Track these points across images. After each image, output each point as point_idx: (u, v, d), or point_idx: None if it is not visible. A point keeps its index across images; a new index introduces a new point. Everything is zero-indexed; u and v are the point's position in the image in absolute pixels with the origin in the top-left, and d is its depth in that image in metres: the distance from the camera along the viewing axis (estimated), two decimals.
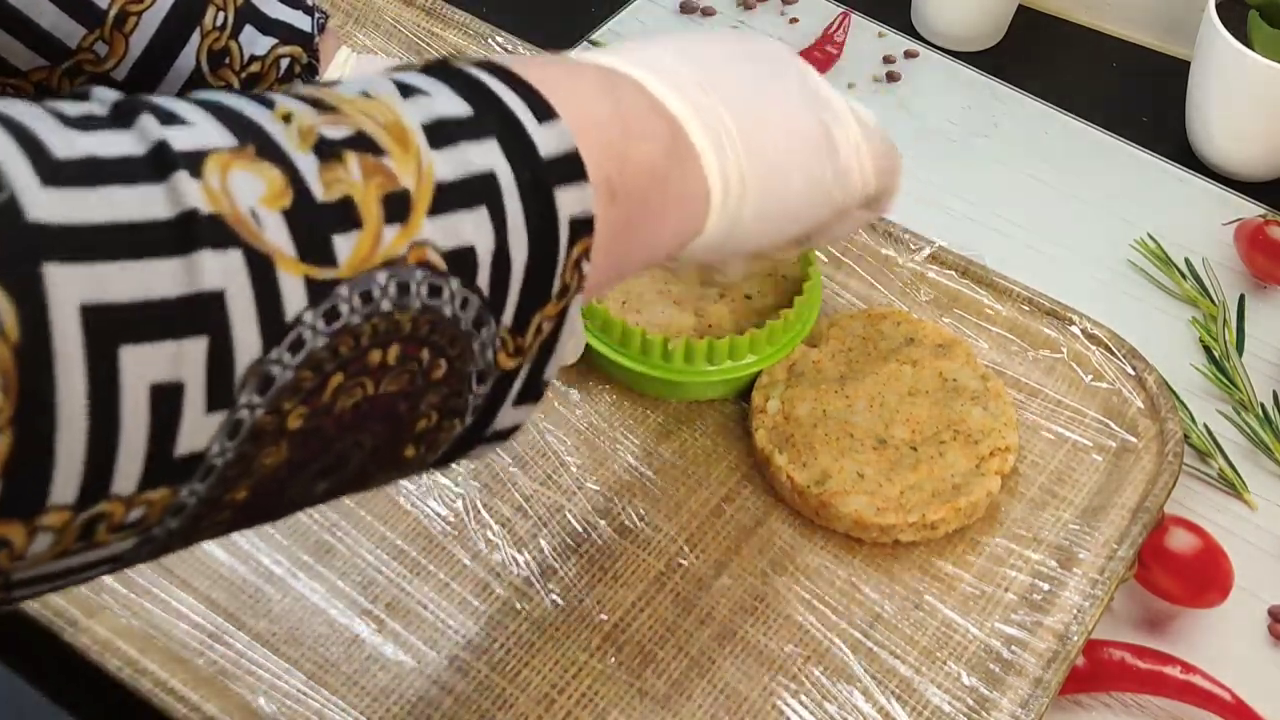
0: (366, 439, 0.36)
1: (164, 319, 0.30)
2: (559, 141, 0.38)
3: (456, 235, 0.36)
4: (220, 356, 0.31)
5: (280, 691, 0.55)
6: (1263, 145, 0.81)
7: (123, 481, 0.30)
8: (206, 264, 0.31)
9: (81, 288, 0.29)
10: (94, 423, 0.29)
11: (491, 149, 0.37)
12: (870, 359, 0.65)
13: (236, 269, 0.31)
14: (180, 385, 0.30)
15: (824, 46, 0.88)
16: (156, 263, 0.30)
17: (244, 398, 0.32)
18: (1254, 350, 0.72)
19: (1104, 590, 0.59)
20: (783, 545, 0.61)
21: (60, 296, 0.28)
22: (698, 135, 0.45)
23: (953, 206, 0.79)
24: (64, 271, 0.28)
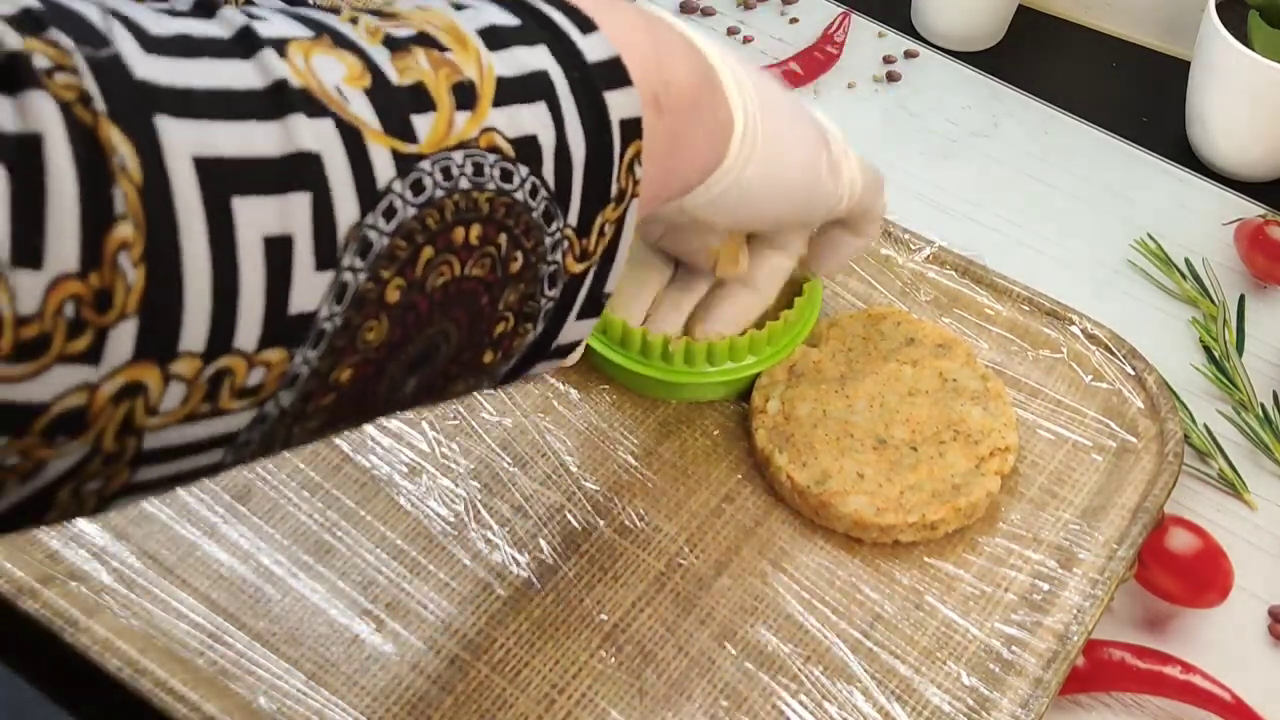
0: (453, 330, 0.38)
1: (269, 174, 0.32)
2: (604, 49, 0.41)
3: (520, 124, 0.38)
4: (323, 214, 0.33)
5: (280, 691, 0.55)
6: (1263, 145, 0.81)
7: (245, 335, 0.32)
8: (302, 129, 0.32)
9: (191, 140, 0.30)
10: (216, 268, 0.31)
11: (542, 53, 0.39)
12: (870, 359, 0.65)
13: (329, 135, 0.33)
14: (290, 239, 0.32)
15: (824, 46, 0.88)
16: (256, 125, 0.32)
17: (347, 259, 0.34)
18: (1254, 350, 0.72)
19: (1104, 590, 0.59)
20: (783, 545, 0.61)
21: (173, 146, 0.30)
22: (725, 74, 0.47)
23: (953, 206, 0.79)
24: (175, 124, 0.30)
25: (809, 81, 0.86)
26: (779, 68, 0.86)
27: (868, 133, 0.83)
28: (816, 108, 0.84)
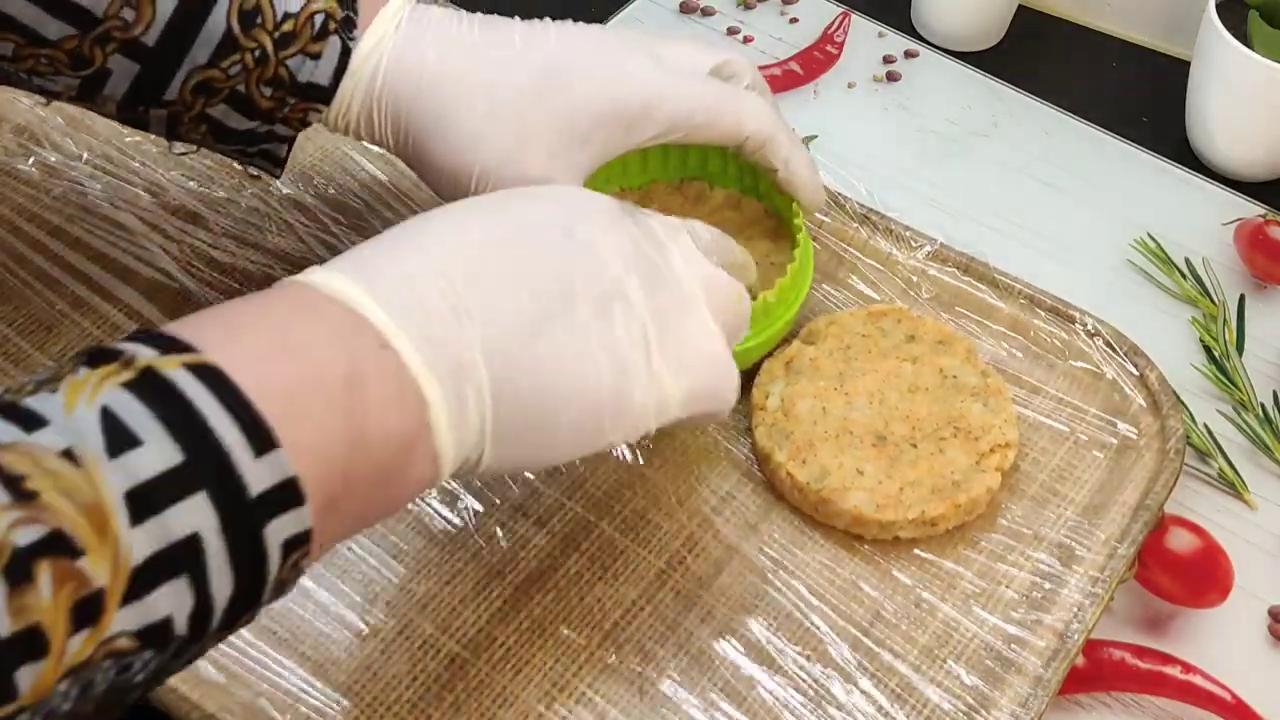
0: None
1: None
2: (275, 473, 0.39)
3: (151, 613, 0.36)
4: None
5: (281, 690, 0.55)
6: (1263, 145, 0.81)
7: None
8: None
9: None
10: None
11: (199, 505, 0.37)
12: (870, 356, 0.65)
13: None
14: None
15: (824, 46, 0.88)
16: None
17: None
18: (1254, 350, 0.72)
19: (1105, 588, 0.59)
20: (783, 543, 0.61)
21: None
22: (441, 409, 0.44)
23: (953, 206, 0.79)
24: None
25: (809, 81, 0.86)
26: (779, 67, 0.86)
27: (867, 133, 0.83)
28: (816, 108, 0.84)
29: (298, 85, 0.58)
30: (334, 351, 0.42)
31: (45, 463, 0.35)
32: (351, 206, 0.73)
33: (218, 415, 0.38)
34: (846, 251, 0.72)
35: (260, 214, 0.72)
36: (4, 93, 0.76)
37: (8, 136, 0.75)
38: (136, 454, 0.36)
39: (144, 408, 0.37)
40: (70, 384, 0.37)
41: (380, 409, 0.42)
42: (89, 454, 0.36)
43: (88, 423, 0.36)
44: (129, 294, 0.69)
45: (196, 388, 0.38)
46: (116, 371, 0.38)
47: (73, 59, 0.57)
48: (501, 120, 0.58)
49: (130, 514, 0.36)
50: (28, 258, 0.70)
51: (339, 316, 0.43)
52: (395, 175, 0.74)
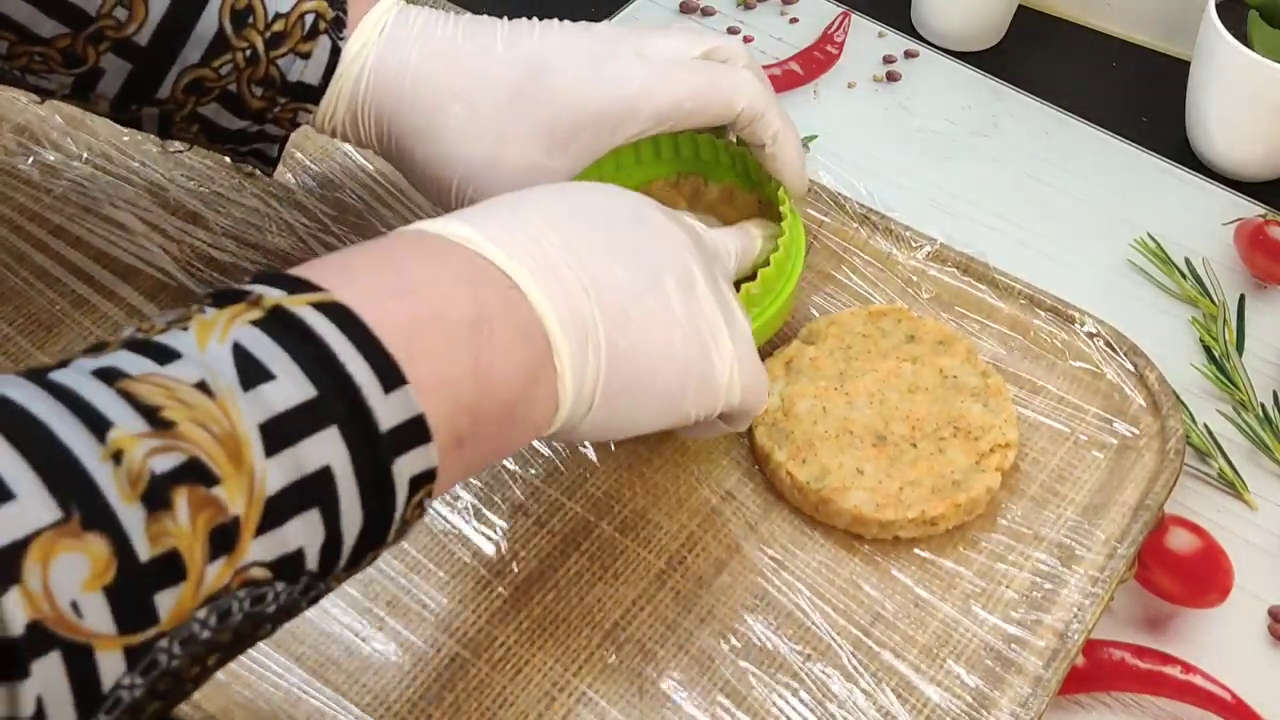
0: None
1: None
2: (404, 410, 0.39)
3: (284, 544, 0.37)
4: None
5: (281, 690, 0.55)
6: (1263, 145, 0.81)
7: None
8: (25, 691, 0.32)
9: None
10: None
11: (331, 439, 0.38)
12: (870, 356, 0.65)
13: (53, 671, 0.32)
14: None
15: (824, 46, 0.88)
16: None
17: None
18: (1254, 350, 0.72)
19: (1105, 588, 0.59)
20: (783, 543, 0.61)
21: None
22: (565, 355, 0.45)
23: (953, 206, 0.79)
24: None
25: (809, 81, 0.86)
26: (779, 67, 0.86)
27: (868, 133, 0.83)
28: (817, 107, 0.84)
29: (288, 85, 0.59)
30: (461, 291, 0.42)
31: (180, 393, 0.36)
32: (351, 206, 0.73)
33: (347, 351, 0.38)
34: (846, 251, 0.72)
35: (260, 214, 0.72)
36: (4, 92, 0.76)
37: (8, 136, 0.75)
38: (269, 387, 0.37)
39: (275, 343, 0.38)
40: (200, 323, 0.38)
41: (507, 349, 0.43)
42: (223, 386, 0.36)
43: (220, 357, 0.37)
44: (129, 293, 0.69)
45: (326, 325, 0.39)
46: (245, 310, 0.38)
47: (66, 57, 0.57)
48: (482, 126, 0.59)
49: (264, 445, 0.36)
50: (28, 257, 0.70)
51: (464, 258, 0.44)
52: (396, 175, 0.74)
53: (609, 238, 0.49)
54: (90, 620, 0.33)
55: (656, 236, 0.51)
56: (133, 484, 0.34)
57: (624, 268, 0.48)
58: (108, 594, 0.33)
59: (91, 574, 0.33)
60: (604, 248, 0.48)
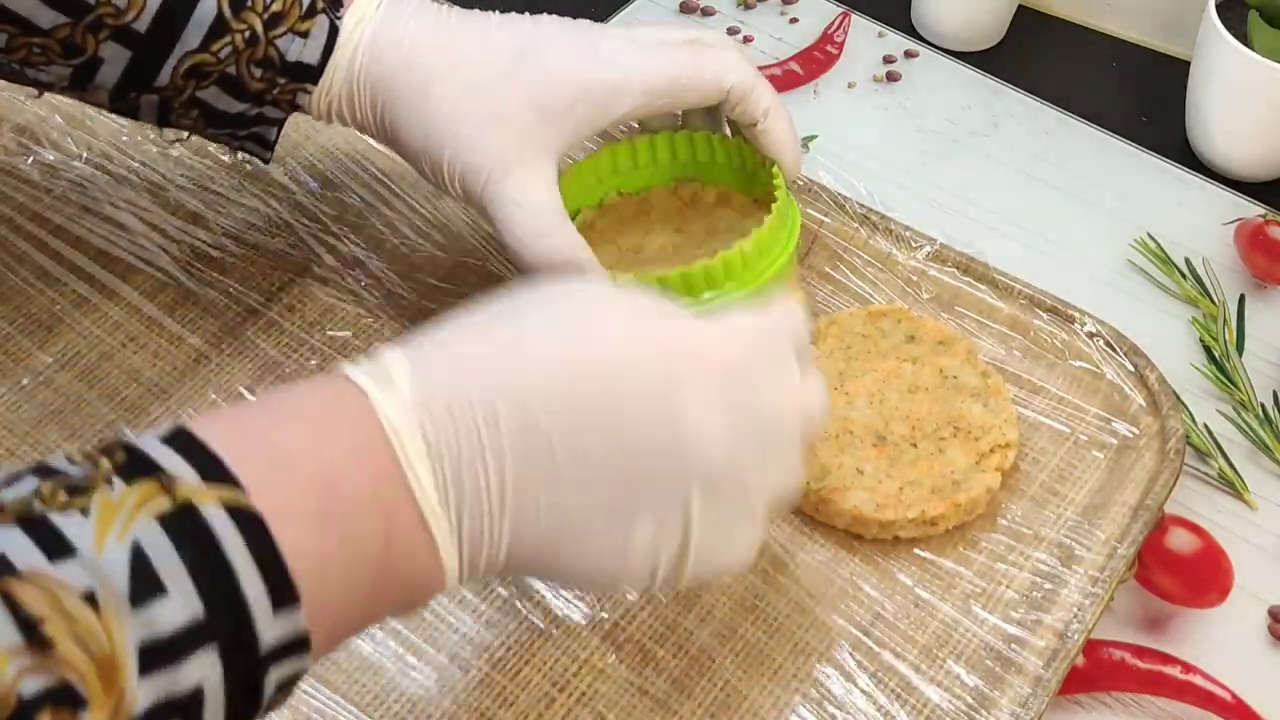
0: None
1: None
2: (290, 628, 0.38)
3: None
4: None
5: None
6: (1263, 145, 0.81)
7: None
8: None
9: None
10: None
11: (209, 658, 0.36)
12: (870, 356, 0.65)
13: None
14: None
15: (824, 46, 0.88)
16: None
17: None
18: (1254, 350, 0.72)
19: (1105, 588, 0.59)
20: (783, 543, 0.61)
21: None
22: (453, 578, 0.43)
23: (952, 207, 0.79)
24: None
25: (809, 81, 0.86)
26: (779, 67, 0.86)
27: (868, 133, 0.83)
28: (817, 107, 0.84)
29: (287, 65, 0.59)
30: (376, 522, 0.41)
31: (66, 604, 0.34)
32: (352, 206, 0.73)
33: (248, 570, 0.37)
34: (846, 251, 0.72)
35: (260, 214, 0.72)
36: (4, 92, 0.76)
37: (8, 136, 0.75)
38: (159, 605, 0.35)
39: (175, 552, 0.36)
40: (103, 507, 0.36)
41: (405, 584, 0.43)
42: (112, 601, 0.35)
43: (116, 563, 0.35)
44: (129, 293, 0.69)
45: (232, 536, 0.37)
46: (153, 495, 0.37)
47: (65, 47, 0.57)
48: (474, 100, 0.58)
49: (141, 665, 0.35)
50: (28, 257, 0.70)
51: (393, 475, 0.41)
52: (396, 174, 0.74)
53: (591, 450, 0.43)
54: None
55: (668, 447, 0.44)
56: (1, 702, 0.33)
57: (583, 502, 0.44)
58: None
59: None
60: (577, 463, 0.43)
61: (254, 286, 0.69)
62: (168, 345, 0.67)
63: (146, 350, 0.66)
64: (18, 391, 0.64)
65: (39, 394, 0.64)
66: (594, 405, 0.43)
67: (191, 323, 0.68)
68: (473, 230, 0.72)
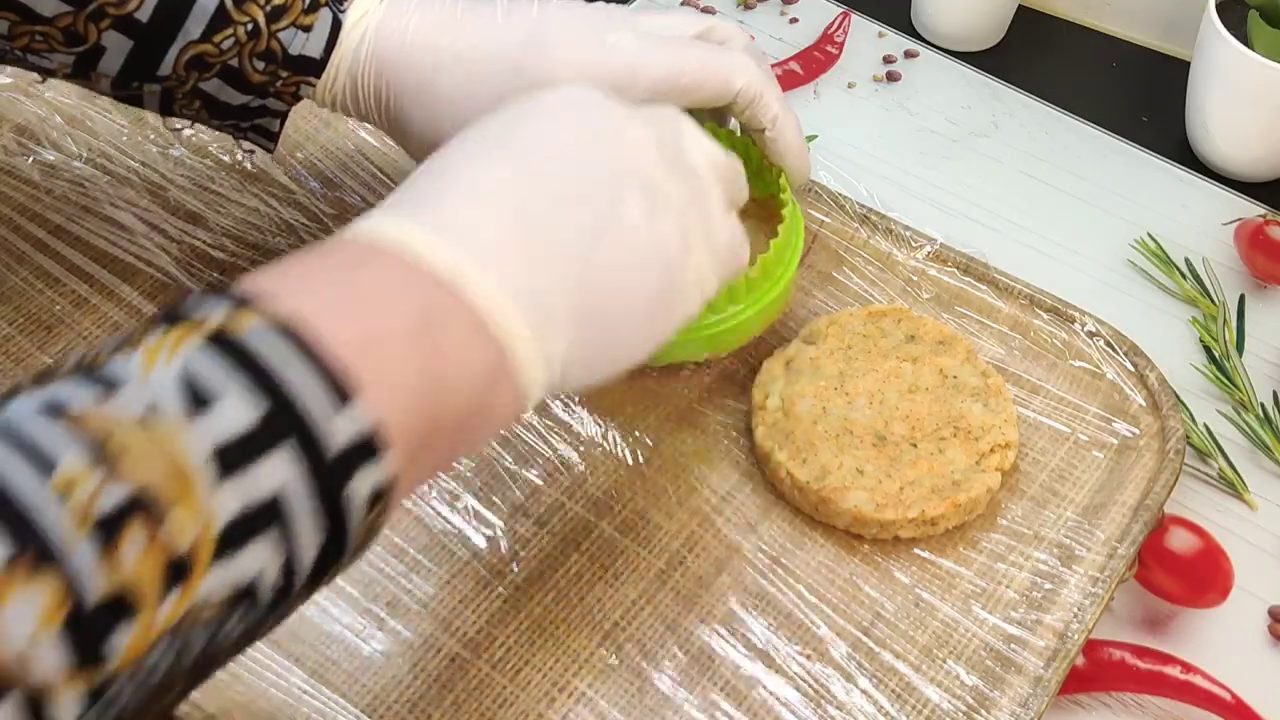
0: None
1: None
2: (357, 425, 0.38)
3: (240, 573, 0.36)
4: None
5: (281, 690, 0.55)
6: (1263, 145, 0.81)
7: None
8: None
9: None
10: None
11: (282, 461, 0.37)
12: (870, 356, 0.65)
13: (8, 718, 0.32)
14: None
15: (824, 46, 0.88)
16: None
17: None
18: (1254, 350, 0.72)
19: (1105, 588, 0.59)
20: (783, 543, 0.61)
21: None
22: (524, 344, 0.43)
23: (953, 206, 0.79)
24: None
25: (809, 81, 0.86)
26: (779, 67, 0.86)
27: (868, 133, 0.83)
28: (817, 108, 0.84)
29: (289, 58, 0.59)
30: (407, 298, 0.41)
31: (124, 426, 0.35)
32: (352, 206, 0.73)
33: (296, 369, 0.37)
34: (846, 251, 0.72)
35: (260, 214, 0.72)
36: (4, 92, 0.76)
37: (8, 136, 0.75)
38: (215, 414, 0.36)
39: (220, 366, 0.37)
40: (145, 348, 0.37)
41: (459, 353, 0.42)
42: (168, 417, 0.35)
43: (165, 385, 0.36)
44: (129, 293, 0.69)
45: (272, 342, 0.37)
46: (191, 331, 0.37)
47: (67, 36, 0.57)
48: (479, 88, 0.58)
49: (213, 474, 0.35)
50: (28, 257, 0.70)
51: (405, 263, 0.42)
52: (396, 174, 0.74)
53: (563, 174, 0.46)
54: (42, 665, 0.32)
55: (614, 147, 0.48)
56: (81, 520, 0.33)
57: (579, 206, 0.46)
58: (60, 634, 0.33)
59: (44, 612, 0.32)
60: (557, 188, 0.46)
61: None
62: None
63: None
64: None
65: None
66: (546, 153, 0.47)
67: None
68: None
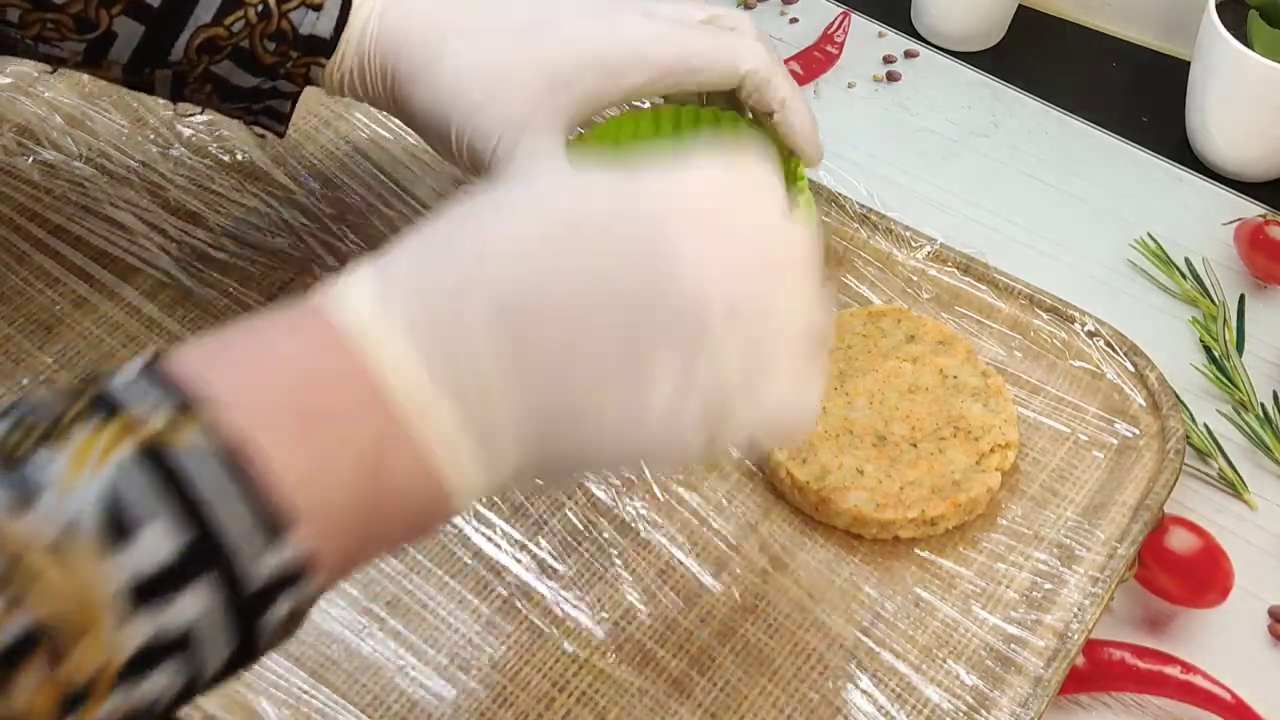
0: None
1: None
2: (286, 558, 0.36)
3: (139, 697, 0.34)
4: None
5: (281, 690, 0.55)
6: (1263, 145, 0.81)
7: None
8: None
9: None
10: None
11: (201, 595, 0.35)
12: (870, 356, 0.65)
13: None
14: None
15: (824, 46, 0.88)
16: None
17: None
18: (1254, 350, 0.72)
19: (1105, 588, 0.59)
20: (783, 543, 0.61)
21: None
22: (469, 488, 0.40)
23: (953, 206, 0.79)
24: None
25: (809, 81, 0.86)
26: None
27: (868, 133, 0.83)
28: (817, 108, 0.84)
29: (300, 38, 0.59)
30: (361, 421, 0.38)
31: (37, 550, 0.33)
32: (352, 206, 0.73)
33: (229, 502, 0.35)
34: (846, 251, 0.72)
35: (260, 214, 0.72)
36: (4, 93, 0.76)
37: (8, 136, 0.75)
38: (136, 545, 0.34)
39: (149, 488, 0.34)
40: (75, 447, 0.34)
41: (403, 483, 0.39)
42: (85, 544, 0.33)
43: (87, 504, 0.34)
44: (129, 293, 0.69)
45: (209, 465, 0.35)
46: (125, 434, 0.35)
47: (78, 23, 0.57)
48: (483, 65, 0.58)
49: (126, 607, 0.34)
50: (28, 257, 0.70)
51: (374, 381, 0.39)
52: (396, 174, 0.74)
53: (582, 300, 0.40)
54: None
55: (664, 281, 0.40)
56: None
57: (588, 350, 0.40)
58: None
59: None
60: (570, 319, 0.40)
61: (254, 286, 0.69)
62: (168, 345, 0.66)
63: (146, 350, 0.66)
64: (18, 392, 0.64)
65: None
66: (573, 261, 0.40)
67: (191, 323, 0.68)
68: None
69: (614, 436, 0.41)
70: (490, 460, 0.40)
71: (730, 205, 0.43)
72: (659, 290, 0.40)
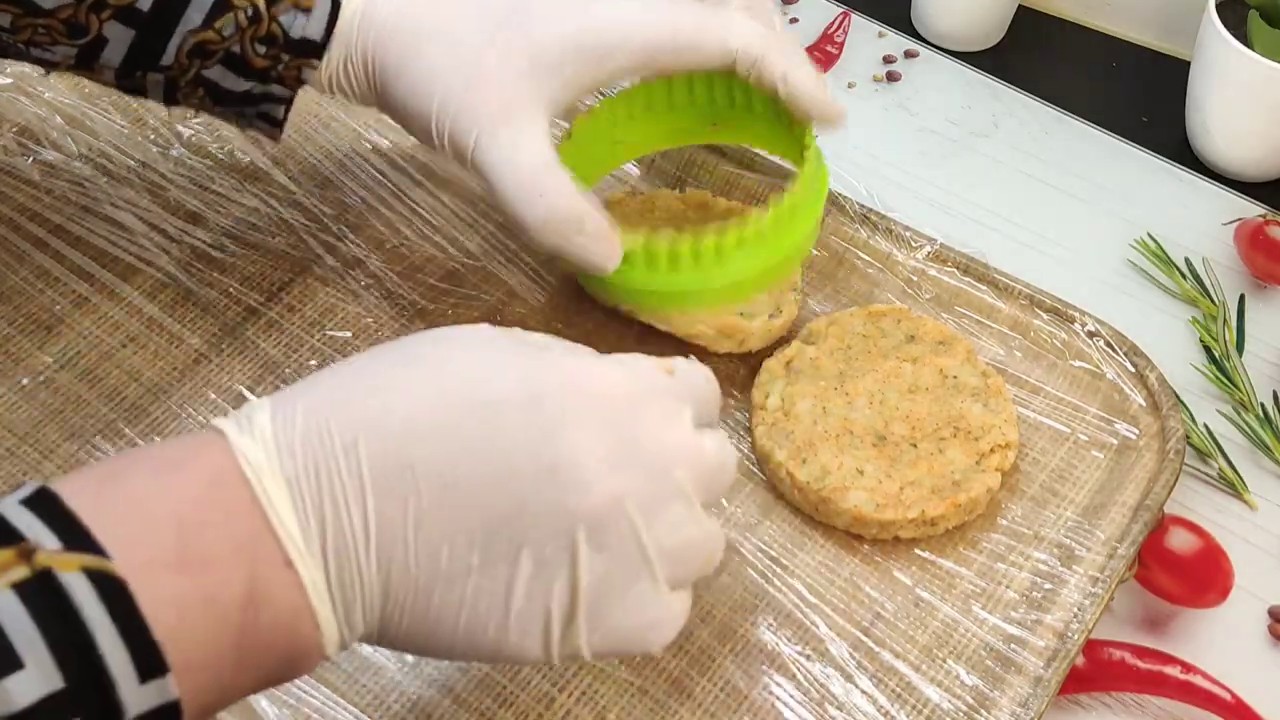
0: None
1: None
2: (157, 697, 0.37)
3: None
4: None
5: (281, 690, 0.55)
6: (1263, 145, 0.81)
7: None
8: None
9: None
10: None
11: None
12: (870, 356, 0.65)
13: None
14: None
15: (824, 46, 0.88)
16: None
17: None
18: (1254, 350, 0.72)
19: (1105, 588, 0.59)
20: (783, 543, 0.61)
21: None
22: (331, 635, 0.42)
23: (952, 206, 0.79)
24: None
25: None
26: None
27: (868, 133, 0.83)
28: None
29: (290, 41, 0.59)
30: (237, 567, 0.40)
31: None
32: (352, 206, 0.73)
33: (109, 636, 0.36)
34: (846, 251, 0.72)
35: (260, 214, 0.72)
36: (4, 93, 0.76)
37: (8, 136, 0.75)
38: (15, 678, 0.35)
39: (32, 623, 0.35)
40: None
41: (272, 629, 0.41)
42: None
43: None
44: (129, 293, 0.69)
45: (93, 603, 0.36)
46: (12, 565, 0.36)
47: (69, 28, 0.57)
48: (461, 58, 0.57)
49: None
50: (28, 257, 0.70)
51: (252, 522, 0.40)
52: (396, 174, 0.74)
53: (466, 489, 0.42)
54: None
55: (546, 478, 0.42)
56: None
57: (459, 542, 0.42)
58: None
59: None
60: (450, 505, 0.42)
61: (254, 286, 0.69)
62: (168, 345, 0.67)
63: (146, 350, 0.66)
64: (18, 391, 0.64)
65: (39, 394, 0.64)
66: (463, 433, 0.42)
67: (191, 323, 0.68)
68: (473, 230, 0.72)
69: (470, 616, 0.43)
70: (353, 619, 0.42)
71: (631, 410, 0.44)
72: (536, 473, 0.42)
